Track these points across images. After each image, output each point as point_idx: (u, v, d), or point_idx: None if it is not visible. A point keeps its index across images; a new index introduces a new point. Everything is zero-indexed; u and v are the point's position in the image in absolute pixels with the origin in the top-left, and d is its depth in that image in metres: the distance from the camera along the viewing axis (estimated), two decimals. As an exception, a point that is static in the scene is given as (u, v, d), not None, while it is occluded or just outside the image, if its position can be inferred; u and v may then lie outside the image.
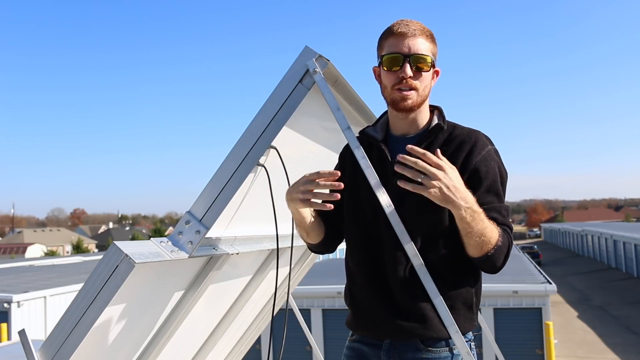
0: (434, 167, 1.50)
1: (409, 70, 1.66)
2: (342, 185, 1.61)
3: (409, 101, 1.69)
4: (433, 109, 1.81)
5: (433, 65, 1.72)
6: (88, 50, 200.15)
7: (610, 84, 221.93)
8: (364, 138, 1.82)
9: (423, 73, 1.69)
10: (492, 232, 1.59)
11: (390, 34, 1.70)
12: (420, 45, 1.67)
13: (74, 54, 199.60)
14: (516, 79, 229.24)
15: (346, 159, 1.90)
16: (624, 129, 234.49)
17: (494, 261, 1.63)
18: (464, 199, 1.52)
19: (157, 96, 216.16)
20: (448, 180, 1.50)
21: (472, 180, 1.66)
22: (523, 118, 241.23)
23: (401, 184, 1.51)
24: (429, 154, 1.50)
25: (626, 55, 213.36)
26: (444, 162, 1.52)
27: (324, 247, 1.97)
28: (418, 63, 1.67)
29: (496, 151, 1.74)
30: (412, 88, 1.68)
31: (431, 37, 1.72)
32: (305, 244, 1.98)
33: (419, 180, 1.50)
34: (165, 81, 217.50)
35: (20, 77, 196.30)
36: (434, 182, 1.49)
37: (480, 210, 1.56)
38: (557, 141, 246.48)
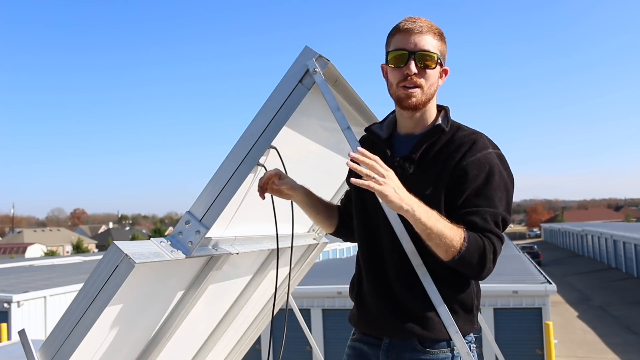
0: (385, 170, 1.47)
1: (413, 67, 1.64)
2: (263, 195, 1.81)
3: (414, 99, 1.67)
4: (441, 108, 1.79)
5: (440, 64, 1.69)
6: (88, 50, 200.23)
7: (611, 84, 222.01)
8: (370, 136, 1.83)
9: (428, 70, 1.66)
10: (453, 235, 1.53)
11: (397, 30, 1.69)
12: (427, 42, 1.65)
13: (74, 54, 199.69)
14: (516, 79, 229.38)
15: None
16: (624, 129, 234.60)
17: (467, 265, 1.58)
18: (411, 200, 1.48)
19: (157, 96, 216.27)
20: (396, 182, 1.47)
21: (458, 182, 1.63)
22: (523, 118, 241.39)
23: (353, 181, 1.44)
24: (378, 160, 1.47)
25: (626, 55, 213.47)
26: (390, 170, 1.49)
27: (342, 236, 2.05)
28: (424, 60, 1.65)
29: (499, 155, 1.69)
30: (416, 85, 1.66)
31: (439, 35, 1.69)
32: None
33: (373, 178, 1.44)
34: (165, 81, 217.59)
35: (20, 77, 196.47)
36: (387, 181, 1.45)
37: (434, 211, 1.53)
38: (557, 141, 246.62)
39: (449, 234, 1.53)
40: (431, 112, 1.76)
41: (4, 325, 10.38)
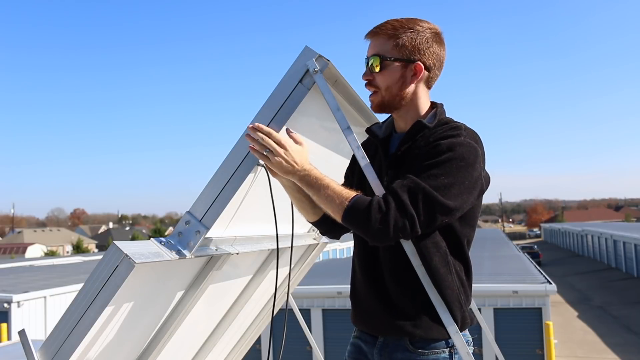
0: (277, 144, 1.59)
1: (364, 74, 1.75)
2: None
3: (373, 102, 1.76)
4: (434, 106, 1.80)
5: (400, 61, 1.68)
6: (88, 50, 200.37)
7: (610, 84, 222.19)
8: (371, 137, 1.88)
9: (380, 72, 1.71)
10: (337, 196, 1.58)
11: None
12: (372, 47, 1.73)
13: (74, 54, 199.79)
14: (516, 79, 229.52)
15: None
16: (624, 129, 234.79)
17: (354, 225, 1.56)
18: (302, 168, 1.61)
19: (157, 96, 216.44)
20: (289, 156, 1.59)
21: (414, 160, 1.64)
22: (523, 118, 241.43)
23: (252, 151, 1.61)
24: (274, 133, 1.60)
25: (626, 55, 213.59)
26: (288, 140, 1.62)
27: (324, 229, 1.97)
28: (370, 65, 1.73)
29: (464, 143, 1.59)
30: (374, 89, 1.74)
31: (391, 34, 1.69)
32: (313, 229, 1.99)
33: (264, 153, 1.59)
34: (165, 81, 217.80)
35: (20, 77, 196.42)
36: (277, 157, 1.59)
37: (322, 176, 1.62)
38: (557, 141, 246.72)
39: (333, 196, 1.58)
40: (415, 111, 1.76)
41: (4, 325, 10.39)
